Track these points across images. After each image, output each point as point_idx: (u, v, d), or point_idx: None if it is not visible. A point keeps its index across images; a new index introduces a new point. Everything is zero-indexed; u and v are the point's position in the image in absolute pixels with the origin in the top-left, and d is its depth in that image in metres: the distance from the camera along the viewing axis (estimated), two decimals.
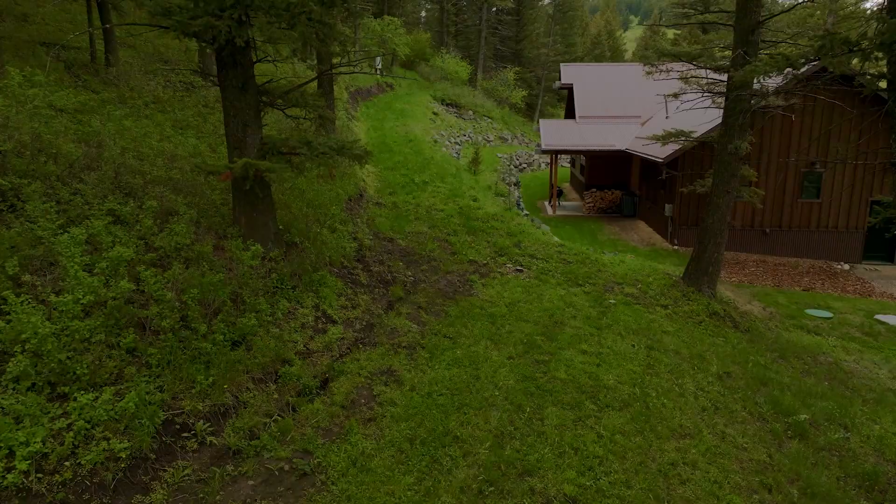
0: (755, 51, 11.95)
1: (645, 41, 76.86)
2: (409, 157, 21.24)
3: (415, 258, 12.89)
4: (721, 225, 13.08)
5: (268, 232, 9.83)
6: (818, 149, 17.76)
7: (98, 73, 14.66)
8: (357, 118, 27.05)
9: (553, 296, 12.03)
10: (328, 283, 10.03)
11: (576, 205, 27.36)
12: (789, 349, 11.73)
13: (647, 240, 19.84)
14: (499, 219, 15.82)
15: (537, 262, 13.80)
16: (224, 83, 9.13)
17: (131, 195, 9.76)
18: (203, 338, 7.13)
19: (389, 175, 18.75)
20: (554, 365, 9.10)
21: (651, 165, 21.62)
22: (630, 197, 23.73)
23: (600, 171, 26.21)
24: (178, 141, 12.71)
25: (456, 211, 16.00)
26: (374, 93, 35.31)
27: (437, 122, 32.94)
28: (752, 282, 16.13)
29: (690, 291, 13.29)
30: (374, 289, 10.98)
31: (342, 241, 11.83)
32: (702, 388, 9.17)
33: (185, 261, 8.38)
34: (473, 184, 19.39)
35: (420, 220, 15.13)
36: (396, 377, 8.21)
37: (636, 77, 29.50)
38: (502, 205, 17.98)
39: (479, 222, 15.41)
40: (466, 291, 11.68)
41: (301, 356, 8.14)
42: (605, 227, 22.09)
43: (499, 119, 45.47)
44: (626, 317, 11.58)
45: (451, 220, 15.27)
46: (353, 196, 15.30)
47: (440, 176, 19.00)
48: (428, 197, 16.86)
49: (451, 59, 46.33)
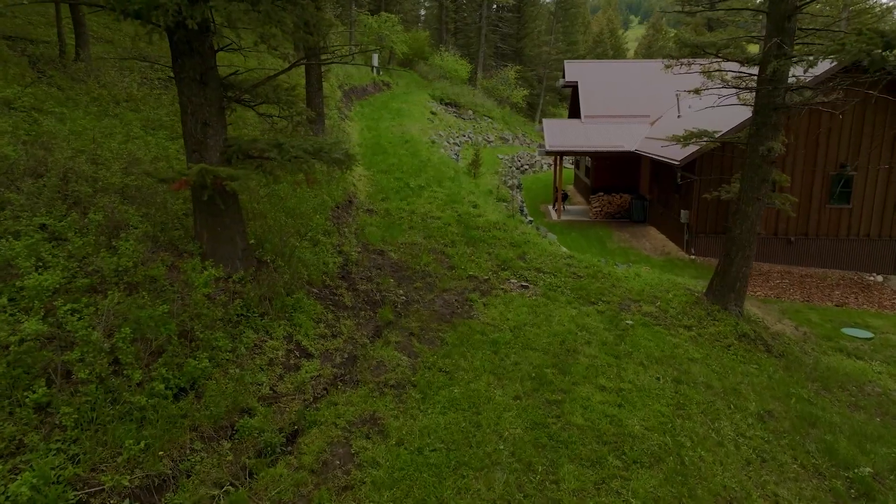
0: (791, 40, 10.57)
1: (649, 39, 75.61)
2: (404, 159, 19.87)
3: (408, 274, 11.50)
4: (750, 236, 11.70)
5: (234, 248, 8.45)
6: (849, 149, 16.37)
7: (66, 69, 13.36)
8: (351, 118, 25.69)
9: (563, 317, 10.65)
10: (305, 307, 8.64)
11: (581, 209, 25.97)
12: (831, 378, 10.34)
13: (661, 248, 18.45)
14: (501, 227, 14.43)
15: (544, 276, 12.41)
16: (179, 75, 7.75)
17: (78, 205, 8.41)
18: (138, 388, 5.74)
19: (383, 179, 17.37)
20: (568, 406, 7.72)
21: (663, 168, 20.25)
22: (640, 201, 22.35)
23: (607, 174, 24.83)
24: (145, 142, 11.36)
25: (454, 219, 14.62)
26: (370, 91, 33.96)
27: (436, 121, 31.58)
28: (779, 296, 14.74)
29: (715, 310, 11.91)
30: (360, 312, 9.59)
31: (325, 255, 10.46)
32: (742, 434, 7.79)
33: (128, 287, 7.00)
34: (473, 188, 18.01)
35: (415, 229, 13.75)
36: (381, 427, 6.83)
37: (643, 75, 28.17)
38: (504, 211, 16.58)
39: (480, 231, 14.02)
40: (465, 313, 10.29)
41: (266, 402, 6.75)
42: (615, 234, 20.70)
43: (499, 119, 44.12)
44: (647, 341, 10.20)
45: (449, 230, 13.88)
46: (342, 203, 13.92)
47: (437, 180, 17.62)
48: (424, 203, 15.47)
49: (451, 57, 44.96)
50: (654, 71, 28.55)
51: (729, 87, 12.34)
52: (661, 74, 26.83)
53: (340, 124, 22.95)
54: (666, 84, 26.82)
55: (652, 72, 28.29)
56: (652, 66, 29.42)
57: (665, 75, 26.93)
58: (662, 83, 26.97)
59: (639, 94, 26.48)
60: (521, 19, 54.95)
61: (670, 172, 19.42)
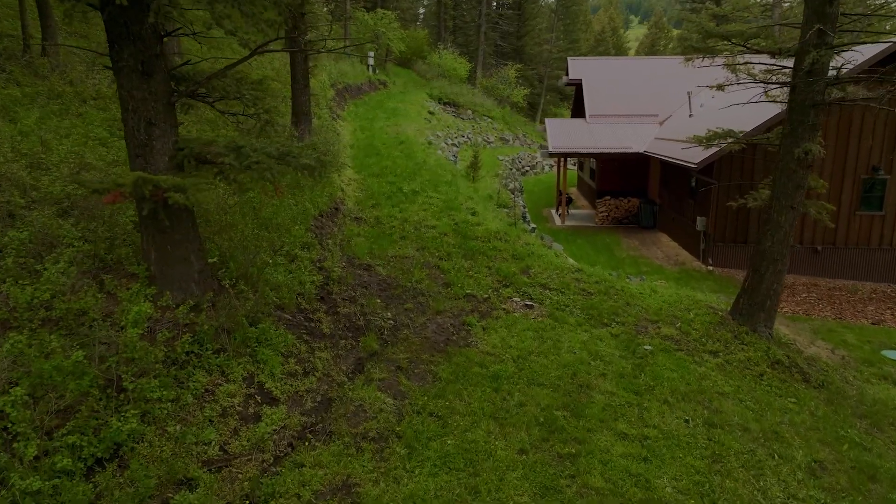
0: (833, 27, 9.27)
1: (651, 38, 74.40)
2: (398, 161, 18.57)
3: (397, 292, 10.20)
4: (782, 248, 10.40)
5: (188, 269, 7.16)
6: (882, 150, 15.07)
7: (29, 65, 12.13)
8: (343, 117, 24.41)
9: (573, 342, 9.35)
10: (273, 339, 7.34)
11: (586, 213, 24.67)
12: (881, 413, 9.04)
13: (674, 257, 17.14)
14: (502, 237, 13.12)
15: (551, 293, 11.11)
16: (117, 64, 6.46)
17: (12, 219, 7.16)
18: (31, 467, 4.44)
19: (374, 183, 16.07)
20: (585, 462, 6.42)
21: (675, 171, 18.95)
22: (649, 206, 21.04)
23: (613, 176, 23.52)
24: (105, 145, 10.10)
25: (450, 227, 13.31)
26: (365, 90, 32.65)
27: (433, 122, 30.27)
28: (808, 313, 13.44)
29: (743, 332, 10.62)
30: (340, 341, 8.29)
31: (302, 273, 9.15)
32: (794, 496, 6.49)
33: (46, 323, 5.70)
34: (472, 193, 16.71)
35: (407, 239, 12.44)
36: (356, 497, 5.52)
37: (651, 72, 26.87)
38: (506, 219, 15.27)
39: (479, 242, 12.71)
40: (462, 340, 8.99)
41: (213, 467, 5.45)
42: (623, 241, 19.39)
43: (499, 119, 42.83)
44: (670, 372, 8.91)
45: (445, 240, 12.57)
46: (327, 210, 12.62)
47: (433, 184, 16.31)
48: (418, 210, 14.16)
49: (449, 55, 43.66)
50: (661, 68, 27.29)
51: (756, 82, 11.03)
52: (670, 72, 25.58)
53: (332, 124, 21.67)
54: (675, 82, 25.56)
55: (660, 69, 27.02)
56: (659, 64, 28.15)
57: (673, 73, 25.64)
58: (671, 81, 25.71)
59: (646, 93, 25.19)
60: (522, 17, 53.66)
61: (683, 176, 18.12)
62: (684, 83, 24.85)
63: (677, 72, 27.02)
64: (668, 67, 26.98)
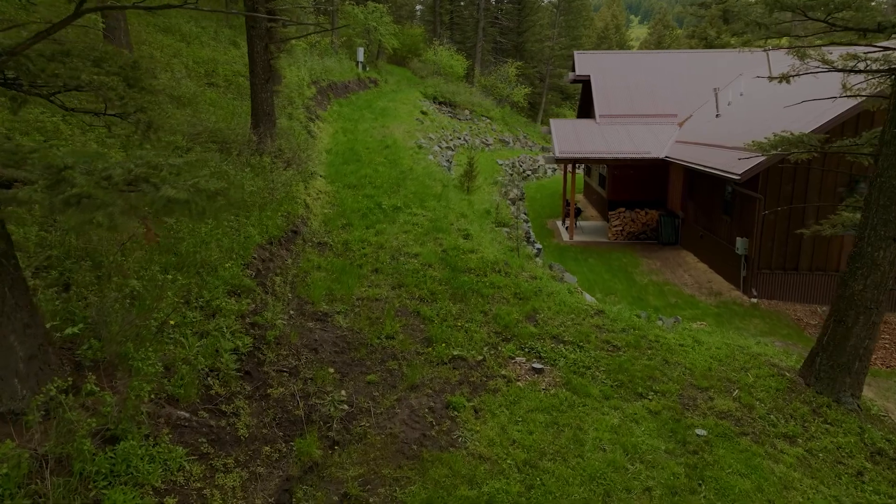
0: None
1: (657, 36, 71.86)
2: (380, 169, 15.94)
3: (359, 356, 7.55)
4: (878, 293, 7.77)
5: (8, 358, 4.53)
6: None
7: None
8: (324, 118, 21.77)
9: (601, 430, 6.71)
10: (139, 466, 4.67)
11: (596, 226, 22.01)
12: None
13: (706, 284, 14.47)
14: (502, 269, 10.45)
15: (566, 349, 8.46)
16: None
17: None
18: None
19: (349, 197, 13.43)
20: None
21: (704, 180, 16.31)
22: (670, 219, 18.38)
23: (627, 184, 20.88)
24: None
25: (437, 256, 10.64)
26: (353, 88, 30.01)
27: (426, 123, 27.62)
28: (891, 363, 10.78)
29: (823, 403, 7.99)
30: (263, 447, 5.63)
31: (219, 338, 6.48)
32: None
33: None
34: (465, 208, 14.05)
35: (381, 274, 9.79)
36: None
37: (667, 67, 24.14)
38: (506, 242, 12.56)
39: (472, 276, 10.04)
40: (444, 436, 6.33)
41: None
42: (643, 262, 16.73)
43: (499, 119, 40.19)
44: (739, 478, 6.27)
45: (429, 275, 9.91)
46: (280, 235, 9.97)
47: (420, 198, 13.66)
48: (398, 232, 11.52)
49: (445, 51, 41.00)
50: (679, 63, 24.55)
51: (834, 69, 8.39)
52: (688, 67, 22.85)
53: (308, 126, 19.05)
54: (694, 78, 22.90)
55: (676, 64, 24.35)
56: (676, 58, 25.48)
57: (692, 68, 22.89)
58: (690, 77, 23.04)
59: (663, 90, 22.56)
60: (522, 12, 51.00)
61: (714, 187, 15.46)
62: (705, 79, 22.23)
63: (696, 67, 24.40)
64: (686, 62, 24.34)
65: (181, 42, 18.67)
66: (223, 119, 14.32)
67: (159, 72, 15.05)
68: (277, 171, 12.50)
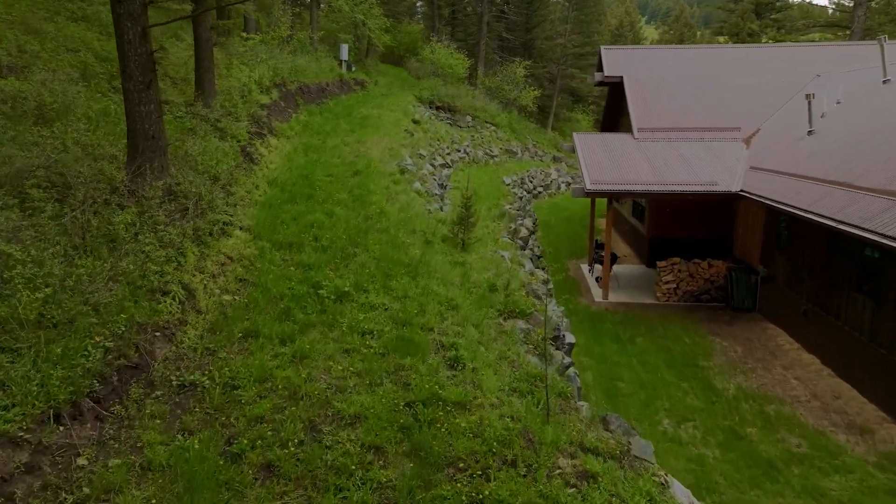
0: None
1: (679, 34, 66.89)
2: (337, 211, 11.00)
3: None
4: None
5: None
6: None
7: None
8: (281, 133, 16.80)
9: None
10: None
11: (634, 272, 16.97)
12: None
13: (833, 402, 9.36)
14: (519, 456, 5.34)
15: None
16: None
17: None
18: None
19: (274, 268, 8.48)
20: None
21: (807, 227, 11.29)
22: (744, 274, 13.29)
23: (675, 218, 15.88)
24: None
25: (396, 423, 5.58)
26: (331, 92, 25.05)
27: (418, 134, 22.63)
28: None
29: None
30: None
31: None
32: None
33: None
34: (457, 284, 9.03)
35: (274, 478, 4.78)
36: None
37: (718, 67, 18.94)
38: (524, 365, 7.20)
39: (461, 485, 4.99)
40: None
41: None
42: (715, 345, 11.65)
43: (505, 126, 35.15)
44: None
45: (374, 480, 4.87)
46: (75, 397, 4.97)
47: (385, 269, 8.67)
48: (334, 352, 6.52)
49: (443, 49, 35.97)
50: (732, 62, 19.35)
51: None
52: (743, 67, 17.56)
53: (253, 143, 14.10)
54: (754, 80, 17.83)
55: (728, 63, 19.32)
56: (728, 55, 20.38)
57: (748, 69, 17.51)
58: (748, 79, 17.99)
59: (716, 96, 17.52)
60: (531, 5, 45.90)
61: (837, 243, 10.43)
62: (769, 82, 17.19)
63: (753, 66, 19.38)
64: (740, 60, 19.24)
65: (99, 34, 13.81)
66: (107, 139, 9.51)
67: (33, 70, 10.32)
68: (145, 234, 7.61)
